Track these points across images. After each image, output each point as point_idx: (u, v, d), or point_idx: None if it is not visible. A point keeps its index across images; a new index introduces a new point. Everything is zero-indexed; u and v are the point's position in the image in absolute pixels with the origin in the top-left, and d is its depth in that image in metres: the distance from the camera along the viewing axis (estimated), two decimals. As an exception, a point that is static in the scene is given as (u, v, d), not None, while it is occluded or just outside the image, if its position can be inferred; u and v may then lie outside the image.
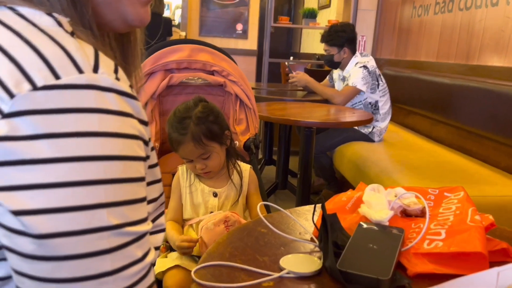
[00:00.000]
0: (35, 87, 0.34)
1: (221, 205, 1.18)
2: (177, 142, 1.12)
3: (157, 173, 0.49)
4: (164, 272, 1.17)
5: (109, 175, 0.37)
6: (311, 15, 3.96)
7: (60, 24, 0.38)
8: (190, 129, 1.12)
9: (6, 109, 0.33)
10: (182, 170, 1.21)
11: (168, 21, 4.10)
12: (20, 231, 0.35)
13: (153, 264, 0.43)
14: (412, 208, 0.75)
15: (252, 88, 1.84)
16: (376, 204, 0.74)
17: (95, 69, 0.37)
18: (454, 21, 2.53)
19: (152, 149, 0.46)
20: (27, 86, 0.34)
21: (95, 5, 0.43)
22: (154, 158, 0.48)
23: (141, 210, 0.40)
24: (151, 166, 0.47)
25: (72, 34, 0.39)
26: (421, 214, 0.75)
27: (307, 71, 3.54)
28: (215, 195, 1.17)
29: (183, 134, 1.11)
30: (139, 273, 0.39)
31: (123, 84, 0.39)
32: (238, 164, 1.24)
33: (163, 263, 1.18)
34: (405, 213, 0.76)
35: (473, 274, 0.58)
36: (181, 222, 1.22)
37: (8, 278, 0.43)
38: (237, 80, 1.51)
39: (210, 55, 1.50)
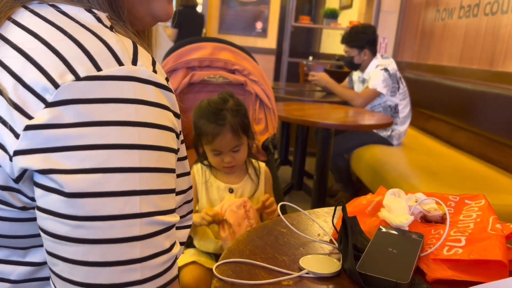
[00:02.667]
0: (78, 78, 0.36)
1: None
2: (214, 133, 1.12)
3: (186, 165, 0.51)
4: (180, 268, 1.19)
5: (144, 163, 0.38)
6: (333, 15, 3.94)
7: (99, 20, 0.40)
8: (228, 120, 1.13)
9: (51, 99, 0.35)
10: (197, 168, 1.22)
11: (201, 15, 4.15)
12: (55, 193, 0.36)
13: (177, 258, 0.44)
14: (432, 214, 0.75)
15: (271, 88, 1.85)
16: (396, 208, 0.74)
17: (134, 61, 0.39)
18: (479, 26, 2.49)
19: (182, 142, 0.48)
20: (70, 77, 0.36)
21: (130, 4, 0.45)
22: (183, 151, 0.49)
23: (171, 201, 0.41)
24: (180, 159, 0.49)
25: (111, 28, 0.40)
26: (441, 220, 0.75)
27: (326, 71, 3.52)
28: (231, 191, 1.19)
29: (222, 125, 1.12)
30: (165, 263, 0.40)
31: (160, 77, 0.41)
32: (256, 162, 1.26)
33: (180, 259, 1.20)
34: (425, 219, 0.76)
35: (493, 282, 0.58)
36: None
37: (43, 263, 0.45)
38: (257, 80, 1.52)
39: (232, 54, 1.52)
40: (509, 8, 2.21)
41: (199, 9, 4.41)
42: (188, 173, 0.51)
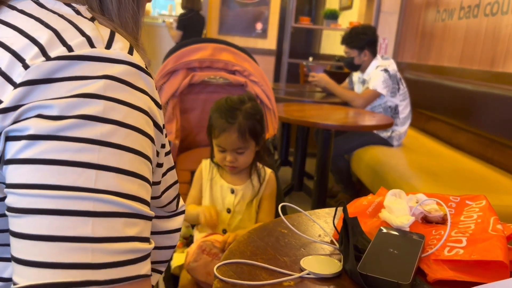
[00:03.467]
0: (48, 59, 0.36)
1: (237, 203, 1.19)
2: (221, 128, 1.14)
3: (171, 159, 0.50)
4: (181, 268, 1.19)
5: (106, 137, 0.36)
6: (333, 16, 3.94)
7: (78, 12, 0.41)
8: (239, 120, 1.14)
9: (19, 80, 0.35)
10: (205, 164, 1.24)
11: (203, 18, 4.17)
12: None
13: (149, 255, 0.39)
14: (433, 214, 0.75)
15: (271, 89, 1.85)
16: (397, 209, 0.74)
17: (108, 46, 0.39)
18: (479, 27, 2.49)
19: (166, 135, 0.47)
20: (41, 59, 0.36)
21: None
22: (167, 145, 0.48)
23: (138, 187, 0.38)
24: (167, 153, 0.48)
25: (92, 20, 0.41)
26: (442, 221, 0.75)
27: (326, 72, 3.53)
28: (232, 191, 1.19)
29: (231, 123, 1.14)
30: (126, 254, 0.36)
31: (137, 59, 0.40)
32: (262, 168, 1.26)
33: (180, 259, 1.20)
34: (426, 220, 0.76)
35: (494, 282, 0.58)
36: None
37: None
38: (258, 81, 1.52)
39: (232, 55, 1.52)
40: (509, 9, 2.21)
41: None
42: (173, 167, 0.51)
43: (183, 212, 0.55)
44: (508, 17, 2.22)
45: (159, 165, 0.46)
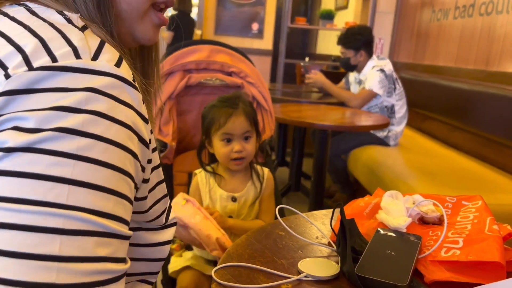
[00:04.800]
0: (30, 69, 0.35)
1: (240, 209, 1.18)
2: (227, 114, 1.12)
3: (160, 173, 0.49)
4: (178, 272, 1.18)
5: (82, 152, 0.34)
6: (328, 16, 3.95)
7: (69, 20, 0.40)
8: (241, 105, 1.15)
9: (0, 90, 0.35)
10: (200, 176, 1.20)
11: (194, 21, 4.16)
12: None
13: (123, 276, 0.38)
14: (430, 215, 0.75)
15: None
16: (394, 210, 0.74)
17: (95, 58, 0.38)
18: (474, 26, 2.50)
19: (154, 150, 0.46)
20: (24, 68, 0.35)
21: (116, 15, 0.45)
22: (156, 159, 0.47)
23: (115, 205, 0.36)
24: (155, 167, 0.47)
25: (83, 28, 0.40)
26: (439, 222, 0.76)
27: (323, 72, 3.53)
28: (234, 200, 1.17)
29: (235, 108, 1.14)
30: (95, 275, 0.34)
31: (125, 72, 0.39)
32: (260, 168, 1.25)
33: (177, 262, 1.19)
34: (423, 221, 0.76)
35: (490, 283, 0.58)
36: None
37: None
38: (254, 82, 1.52)
39: (229, 56, 1.52)
40: (504, 9, 2.22)
41: (195, 10, 4.42)
42: (163, 181, 0.50)
43: (174, 224, 0.54)
44: (503, 16, 2.23)
45: (145, 180, 0.45)
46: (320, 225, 0.79)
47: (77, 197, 0.34)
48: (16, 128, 0.34)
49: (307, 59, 5.04)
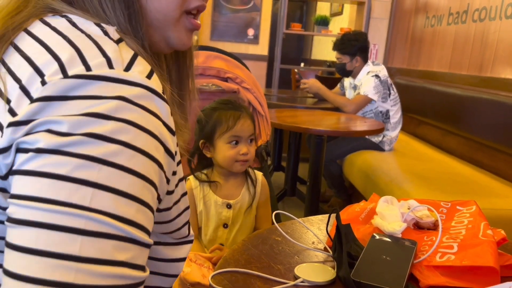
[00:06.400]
0: (65, 76, 0.36)
1: (235, 216, 1.17)
2: (235, 116, 1.12)
3: (184, 186, 0.50)
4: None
5: (109, 157, 0.35)
6: (324, 22, 3.97)
7: (106, 33, 0.41)
8: (244, 108, 1.16)
9: (36, 95, 0.36)
10: (194, 183, 1.18)
11: None
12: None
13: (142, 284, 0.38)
14: (424, 220, 0.76)
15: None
16: (389, 216, 0.75)
17: (127, 69, 0.39)
18: (467, 32, 2.53)
19: (179, 163, 0.46)
20: (59, 75, 0.36)
21: (147, 24, 0.46)
22: (181, 172, 0.48)
23: (137, 212, 0.37)
24: (180, 180, 0.47)
25: (118, 41, 0.41)
26: (434, 227, 0.76)
27: (318, 78, 3.55)
28: (229, 206, 1.17)
29: (241, 111, 1.14)
30: (113, 278, 0.35)
31: (155, 84, 0.40)
32: (253, 172, 1.25)
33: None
34: (418, 226, 0.77)
35: (485, 288, 0.59)
36: (197, 231, 1.21)
37: None
38: (250, 87, 1.53)
39: (225, 62, 1.53)
40: (497, 15, 2.25)
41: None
42: (185, 193, 0.50)
43: (191, 241, 0.54)
44: (496, 23, 2.26)
45: (169, 192, 0.45)
46: (316, 230, 0.79)
47: (100, 201, 0.35)
48: (49, 131, 0.35)
49: (302, 64, 5.06)
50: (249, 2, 4.42)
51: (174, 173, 0.45)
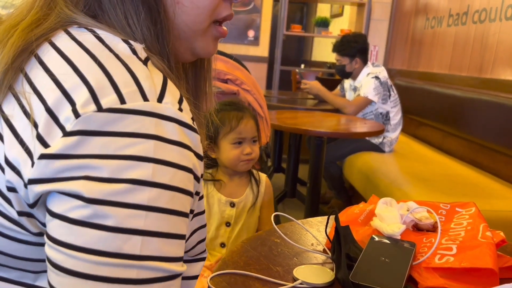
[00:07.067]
0: (100, 109, 0.35)
1: (238, 215, 1.18)
2: (238, 117, 1.14)
3: (202, 205, 0.50)
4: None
5: (153, 202, 0.36)
6: (324, 24, 3.98)
7: (134, 51, 0.40)
8: (246, 108, 1.17)
9: (69, 128, 0.35)
10: None
11: None
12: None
13: None
14: (424, 222, 0.76)
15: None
16: (388, 217, 0.75)
17: (160, 98, 0.38)
18: (467, 34, 2.53)
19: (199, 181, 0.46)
20: (93, 107, 0.35)
21: (174, 37, 0.45)
22: (202, 192, 0.48)
23: (177, 248, 0.38)
24: (201, 198, 0.47)
25: (146, 60, 0.40)
26: (433, 228, 0.76)
27: (318, 79, 3.55)
28: (232, 205, 1.17)
29: (244, 112, 1.15)
30: None
31: (186, 115, 0.40)
32: (257, 173, 1.25)
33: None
34: (417, 228, 0.77)
35: (484, 290, 0.59)
36: None
37: None
38: (250, 89, 1.53)
39: (224, 63, 1.53)
40: (497, 17, 2.25)
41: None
42: (203, 212, 0.50)
43: (204, 259, 0.54)
44: (496, 24, 2.26)
45: (191, 211, 0.45)
46: (315, 232, 0.79)
47: (149, 247, 0.36)
48: (88, 178, 0.35)
49: (302, 66, 5.07)
50: (250, 3, 4.43)
51: (197, 193, 0.45)
